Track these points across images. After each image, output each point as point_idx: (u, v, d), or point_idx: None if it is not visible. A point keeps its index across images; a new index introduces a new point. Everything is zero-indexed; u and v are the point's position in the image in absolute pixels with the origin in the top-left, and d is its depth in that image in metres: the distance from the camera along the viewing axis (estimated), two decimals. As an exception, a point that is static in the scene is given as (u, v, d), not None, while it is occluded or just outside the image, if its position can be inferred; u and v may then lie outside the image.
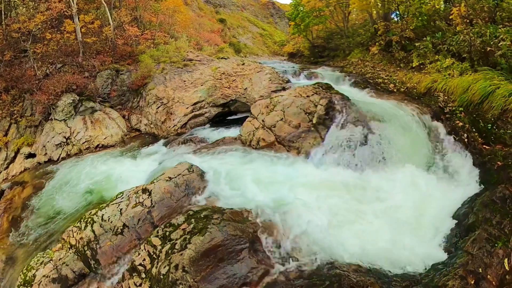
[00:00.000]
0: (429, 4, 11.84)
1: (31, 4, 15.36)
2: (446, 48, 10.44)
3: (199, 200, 6.72)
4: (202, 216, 5.72)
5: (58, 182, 9.63)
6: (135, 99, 14.05)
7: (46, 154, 11.51)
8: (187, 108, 12.44)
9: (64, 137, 11.77)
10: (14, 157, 12.14)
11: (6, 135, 12.60)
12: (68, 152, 11.54)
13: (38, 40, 14.46)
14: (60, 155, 11.48)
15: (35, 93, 12.48)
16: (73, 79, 12.86)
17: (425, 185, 7.02)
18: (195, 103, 12.55)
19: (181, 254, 4.96)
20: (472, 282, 4.40)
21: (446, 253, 5.27)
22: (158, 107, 12.82)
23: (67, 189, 9.10)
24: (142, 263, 5.36)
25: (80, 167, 10.25)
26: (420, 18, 12.01)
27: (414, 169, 7.41)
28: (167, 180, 6.94)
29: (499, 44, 8.47)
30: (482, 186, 6.61)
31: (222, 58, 16.84)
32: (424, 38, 11.56)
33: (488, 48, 8.76)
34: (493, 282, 4.44)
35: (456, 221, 5.90)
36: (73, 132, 11.92)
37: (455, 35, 10.28)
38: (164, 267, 4.94)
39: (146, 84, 13.82)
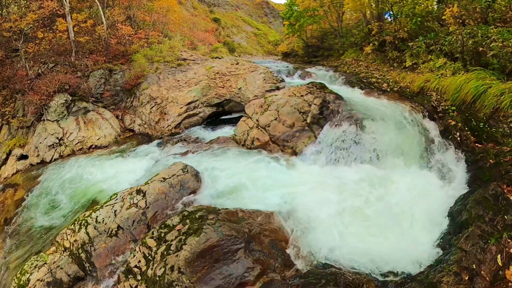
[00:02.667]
0: (422, 5, 11.92)
1: (23, 2, 15.14)
2: (438, 48, 10.53)
3: (194, 200, 6.70)
4: (197, 216, 5.70)
5: (42, 188, 9.44)
6: (129, 99, 13.93)
7: (38, 155, 11.36)
8: (181, 108, 12.38)
9: (57, 138, 11.62)
10: (6, 159, 11.95)
11: (-3, 136, 12.42)
12: (61, 153, 11.39)
13: (30, 39, 14.25)
14: (52, 156, 11.33)
15: (27, 93, 12.30)
16: (66, 79, 12.69)
17: (418, 183, 7.07)
18: (189, 103, 12.49)
19: (177, 255, 4.93)
20: (466, 278, 4.45)
21: (440, 250, 5.32)
22: (152, 107, 12.73)
23: (47, 199, 8.92)
24: (138, 265, 5.32)
25: (74, 167, 10.14)
26: (414, 20, 12.10)
27: (408, 167, 7.48)
28: (161, 181, 6.91)
29: (491, 45, 8.56)
30: (475, 184, 6.68)
31: (216, 57, 16.78)
32: (417, 39, 11.66)
33: (480, 49, 8.84)
34: (487, 278, 4.50)
35: (450, 219, 5.96)
36: (65, 133, 11.78)
37: (448, 36, 10.37)
38: (160, 268, 4.90)
39: (140, 83, 13.71)
